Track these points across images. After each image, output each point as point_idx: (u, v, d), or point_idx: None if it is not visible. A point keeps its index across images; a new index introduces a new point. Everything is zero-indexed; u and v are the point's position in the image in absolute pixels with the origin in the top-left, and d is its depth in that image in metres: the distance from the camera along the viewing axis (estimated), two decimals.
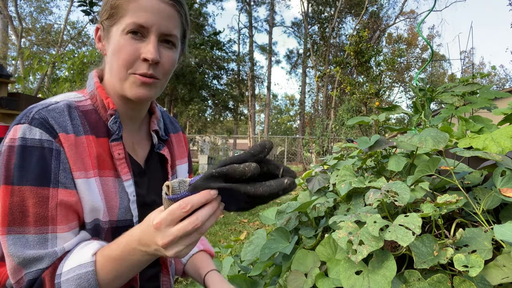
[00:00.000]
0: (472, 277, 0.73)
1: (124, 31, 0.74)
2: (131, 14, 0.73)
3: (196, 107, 11.79)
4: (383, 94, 12.77)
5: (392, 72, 25.92)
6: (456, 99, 1.40)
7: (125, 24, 0.74)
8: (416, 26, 26.50)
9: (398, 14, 25.94)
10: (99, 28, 0.81)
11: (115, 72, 0.76)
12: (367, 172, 1.28)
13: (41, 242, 0.66)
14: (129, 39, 0.74)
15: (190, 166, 1.05)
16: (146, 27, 0.74)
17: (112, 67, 0.77)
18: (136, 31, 0.74)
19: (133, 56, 0.74)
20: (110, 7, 0.76)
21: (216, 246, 3.02)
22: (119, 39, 0.74)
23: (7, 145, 0.68)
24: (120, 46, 0.74)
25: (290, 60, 32.94)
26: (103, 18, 0.78)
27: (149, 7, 0.73)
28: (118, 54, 0.74)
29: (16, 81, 4.60)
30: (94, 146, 0.75)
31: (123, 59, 0.74)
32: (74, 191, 0.71)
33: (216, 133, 21.48)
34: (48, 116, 0.71)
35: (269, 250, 1.17)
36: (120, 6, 0.74)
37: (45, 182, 0.67)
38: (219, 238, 4.08)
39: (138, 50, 0.74)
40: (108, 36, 0.78)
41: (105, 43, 0.80)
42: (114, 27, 0.76)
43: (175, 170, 0.95)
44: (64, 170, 0.69)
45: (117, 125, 0.79)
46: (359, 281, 0.80)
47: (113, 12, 0.75)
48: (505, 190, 0.85)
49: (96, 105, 0.79)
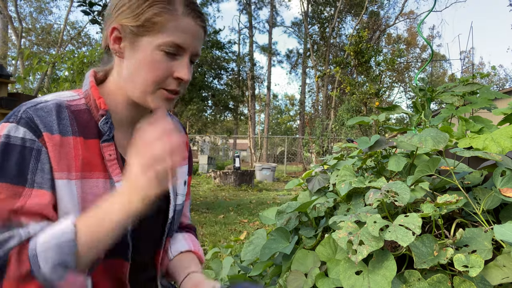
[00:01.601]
0: (472, 277, 0.73)
1: (159, 47, 0.74)
2: (170, 33, 0.74)
3: (195, 107, 11.78)
4: (383, 94, 12.78)
5: (392, 72, 25.93)
6: (456, 99, 1.40)
7: (162, 40, 0.74)
8: (416, 27, 26.50)
9: (398, 15, 25.95)
10: (117, 28, 0.77)
11: (140, 83, 0.77)
12: (367, 172, 1.28)
13: (6, 228, 0.66)
14: (163, 56, 0.75)
15: (191, 168, 1.04)
16: (183, 48, 0.76)
17: (134, 76, 0.77)
18: (172, 51, 0.75)
19: (166, 73, 0.76)
20: (144, 19, 0.74)
21: (216, 246, 3.02)
22: (151, 53, 0.75)
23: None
24: (153, 62, 0.75)
25: (290, 60, 32.97)
26: (129, 23, 0.76)
27: (187, 29, 0.76)
28: (149, 68, 0.75)
29: (16, 81, 4.59)
30: (80, 148, 0.75)
31: (156, 76, 0.75)
32: (49, 193, 0.70)
33: (216, 133, 21.48)
34: (35, 115, 0.71)
35: (269, 250, 1.17)
36: (159, 23, 0.74)
37: (21, 181, 0.68)
38: (219, 238, 4.08)
39: (171, 68, 0.76)
40: (135, 44, 0.76)
41: (125, 47, 0.78)
42: (146, 38, 0.75)
43: (174, 171, 0.95)
44: (42, 170, 0.70)
45: (108, 125, 0.78)
46: (359, 281, 0.80)
47: (147, 24, 0.74)
48: (505, 190, 0.85)
49: (90, 105, 0.79)
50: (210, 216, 5.40)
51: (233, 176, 9.41)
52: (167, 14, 0.74)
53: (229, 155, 21.36)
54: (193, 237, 1.03)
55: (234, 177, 9.41)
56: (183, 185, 0.97)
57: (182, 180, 0.97)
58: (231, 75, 16.29)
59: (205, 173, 12.46)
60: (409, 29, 29.75)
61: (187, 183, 1.00)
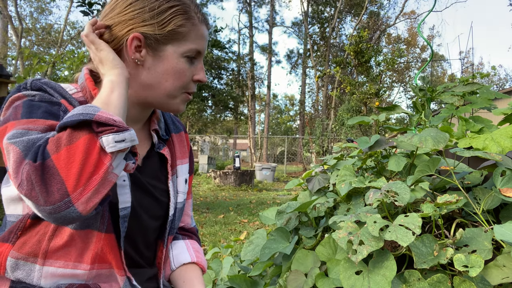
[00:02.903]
0: (472, 277, 0.73)
1: (183, 55, 0.80)
2: (193, 41, 0.80)
3: (195, 107, 11.78)
4: (383, 94, 12.77)
5: (392, 72, 25.94)
6: (456, 99, 1.40)
7: (187, 48, 0.79)
8: (416, 27, 26.50)
9: (398, 15, 25.96)
10: (137, 37, 0.77)
11: (168, 90, 0.81)
12: (367, 172, 1.28)
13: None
14: (186, 62, 0.80)
15: (192, 166, 1.04)
16: (200, 52, 0.83)
17: (161, 84, 0.80)
18: (194, 56, 0.82)
19: (190, 78, 0.83)
20: (168, 31, 0.77)
21: (216, 246, 3.02)
22: (177, 61, 0.79)
23: (10, 101, 0.70)
24: (180, 69, 0.80)
25: (290, 60, 32.98)
26: (153, 31, 0.76)
27: (203, 35, 0.82)
28: (177, 76, 0.80)
29: (16, 81, 4.60)
30: None
31: (183, 82, 0.81)
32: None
33: (216, 133, 21.48)
34: (45, 85, 0.73)
35: (269, 250, 1.17)
36: (182, 33, 0.79)
37: (54, 118, 0.69)
38: (219, 238, 4.08)
39: (192, 73, 0.83)
40: (158, 53, 0.79)
41: (145, 55, 0.79)
42: (171, 47, 0.78)
43: (175, 170, 0.95)
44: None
45: None
46: (359, 281, 0.80)
47: (172, 34, 0.78)
48: (505, 190, 0.85)
49: (86, 97, 0.80)
50: (210, 216, 5.40)
51: (233, 176, 9.41)
52: (189, 23, 0.79)
53: (229, 155, 21.36)
54: (196, 245, 1.03)
55: (234, 177, 9.41)
56: (184, 183, 0.97)
57: (183, 178, 0.97)
58: (231, 75, 16.29)
59: (205, 173, 12.46)
60: (409, 29, 29.77)
61: (188, 181, 1.00)
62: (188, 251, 0.98)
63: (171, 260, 0.96)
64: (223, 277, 1.60)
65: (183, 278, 0.94)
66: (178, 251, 0.98)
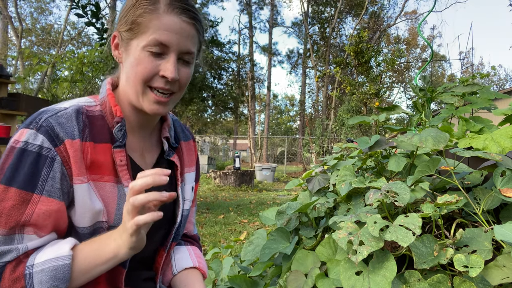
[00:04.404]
0: (472, 278, 0.73)
1: (145, 48, 0.76)
2: (153, 32, 0.75)
3: (195, 107, 11.78)
4: (383, 94, 12.77)
5: (392, 72, 25.93)
6: (456, 99, 1.40)
7: (146, 40, 0.75)
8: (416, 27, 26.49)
9: (398, 15, 25.95)
10: (116, 36, 0.81)
11: (132, 84, 0.79)
12: (367, 172, 1.27)
13: (7, 242, 0.68)
14: (149, 55, 0.76)
15: (198, 174, 1.04)
16: (167, 45, 0.76)
17: (129, 78, 0.79)
18: (157, 50, 0.76)
19: (152, 72, 0.77)
20: (131, 22, 0.77)
21: (216, 246, 3.02)
22: (139, 53, 0.76)
23: (10, 145, 0.71)
24: (139, 61, 0.76)
25: (291, 60, 32.96)
26: (122, 29, 0.79)
27: (171, 26, 0.76)
28: (136, 68, 0.76)
29: (16, 81, 4.60)
30: (89, 152, 0.76)
31: (142, 74, 0.76)
32: (58, 201, 0.72)
33: (216, 133, 21.46)
34: (55, 123, 0.73)
35: (269, 250, 1.17)
36: (143, 23, 0.76)
37: (31, 188, 0.69)
38: (219, 238, 4.08)
39: (157, 67, 0.77)
40: (127, 48, 0.79)
41: (122, 52, 0.81)
42: (134, 41, 0.77)
43: (183, 177, 0.95)
44: (52, 179, 0.71)
45: (121, 133, 0.80)
46: (359, 281, 0.80)
47: (134, 27, 0.77)
48: (505, 190, 0.85)
49: (105, 112, 0.81)
50: (210, 216, 5.39)
51: (233, 177, 9.41)
52: (148, 14, 0.75)
53: (229, 156, 21.36)
54: (197, 251, 1.03)
55: (234, 177, 9.41)
56: (190, 190, 0.97)
57: (190, 185, 0.97)
58: (231, 75, 16.30)
59: (205, 173, 12.46)
60: (410, 29, 29.77)
61: (194, 189, 1.00)
62: (190, 256, 0.99)
63: (173, 265, 0.96)
64: (223, 277, 1.60)
65: (184, 282, 0.95)
66: (180, 256, 0.98)
